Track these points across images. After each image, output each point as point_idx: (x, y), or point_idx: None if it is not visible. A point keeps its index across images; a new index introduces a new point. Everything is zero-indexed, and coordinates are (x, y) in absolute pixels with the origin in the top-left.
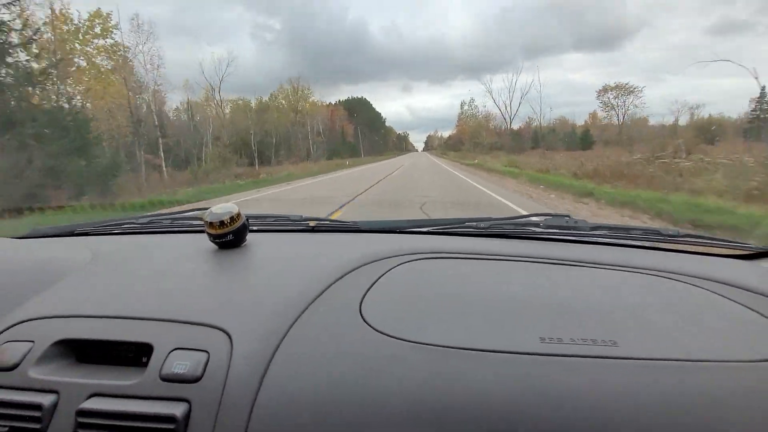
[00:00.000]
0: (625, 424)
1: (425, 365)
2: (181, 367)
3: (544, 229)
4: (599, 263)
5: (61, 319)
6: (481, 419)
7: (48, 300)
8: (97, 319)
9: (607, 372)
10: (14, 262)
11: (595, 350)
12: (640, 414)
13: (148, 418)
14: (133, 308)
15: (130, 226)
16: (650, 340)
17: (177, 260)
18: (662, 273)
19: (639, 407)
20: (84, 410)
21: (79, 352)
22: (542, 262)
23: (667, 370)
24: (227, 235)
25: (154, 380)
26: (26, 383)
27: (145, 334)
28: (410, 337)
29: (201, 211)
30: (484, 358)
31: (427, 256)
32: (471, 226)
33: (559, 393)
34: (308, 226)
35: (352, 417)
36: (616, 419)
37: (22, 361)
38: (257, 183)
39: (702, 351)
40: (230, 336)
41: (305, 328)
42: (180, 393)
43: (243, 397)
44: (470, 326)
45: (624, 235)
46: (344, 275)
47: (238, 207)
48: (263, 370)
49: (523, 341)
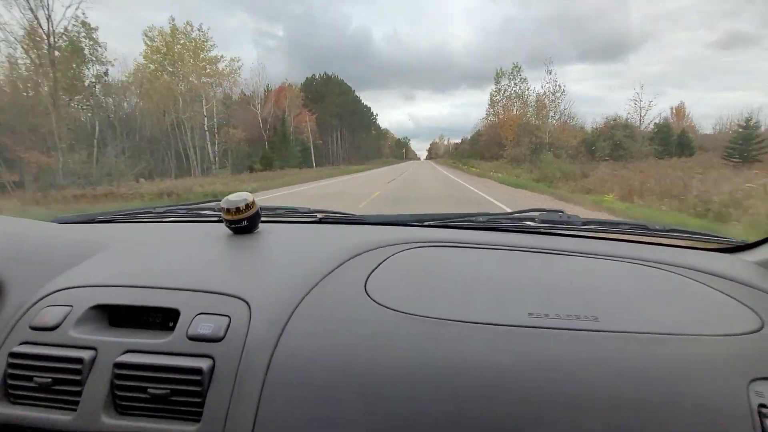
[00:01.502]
0: (603, 388)
1: (423, 334)
2: (206, 328)
3: (538, 223)
4: (588, 253)
5: (95, 288)
6: (473, 381)
7: (82, 272)
8: (127, 288)
9: (588, 343)
10: (49, 241)
11: (578, 324)
12: (617, 379)
13: (178, 370)
14: (159, 280)
15: (148, 215)
16: (628, 317)
17: (196, 242)
18: (645, 262)
19: (615, 373)
20: (121, 363)
21: (112, 317)
22: (535, 252)
23: (641, 342)
24: (242, 221)
25: (181, 339)
26: (67, 341)
27: (172, 301)
28: (410, 310)
29: (215, 202)
30: (477, 328)
31: (428, 244)
32: (470, 220)
33: (544, 360)
34: (316, 217)
35: (356, 376)
36: (595, 383)
37: (63, 322)
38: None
39: (674, 326)
40: (249, 304)
41: (316, 300)
42: (205, 350)
43: (260, 355)
44: (465, 302)
45: (613, 229)
46: (351, 258)
47: (252, 196)
48: (278, 334)
49: (513, 316)
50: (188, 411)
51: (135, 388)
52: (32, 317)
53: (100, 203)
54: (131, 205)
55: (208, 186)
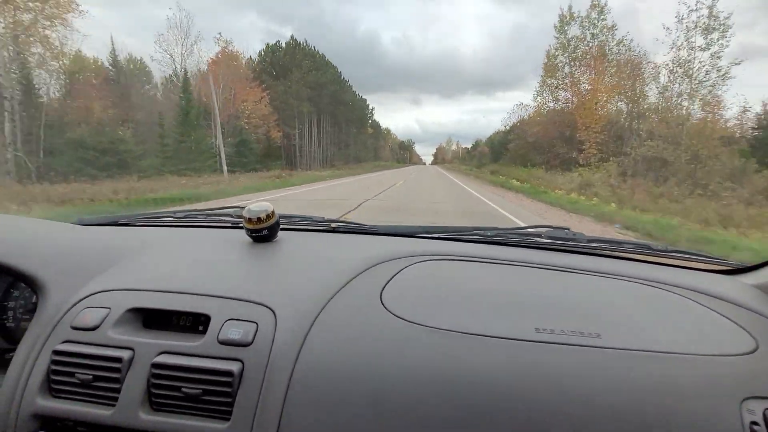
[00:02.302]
0: (603, 403)
1: (435, 344)
2: (236, 333)
3: (545, 239)
4: (592, 271)
5: (130, 292)
6: (481, 392)
7: (116, 276)
8: (160, 293)
9: (590, 357)
10: (81, 244)
11: (582, 340)
12: (616, 394)
13: (211, 371)
14: (190, 285)
15: (169, 219)
16: (629, 334)
17: (218, 249)
18: (647, 282)
19: (615, 388)
20: (158, 363)
21: (146, 320)
22: (541, 268)
23: (640, 359)
24: (263, 230)
25: (213, 343)
26: (106, 341)
27: (203, 307)
28: (424, 322)
29: (234, 209)
30: (486, 341)
31: (439, 257)
32: (478, 234)
33: (549, 374)
34: (329, 226)
35: (372, 383)
36: (596, 398)
37: (102, 324)
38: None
39: (672, 344)
40: (275, 312)
41: (335, 310)
42: (235, 354)
43: (286, 360)
44: (475, 315)
45: (617, 248)
46: (366, 269)
47: (273, 206)
48: (302, 340)
49: (520, 330)
50: (219, 410)
51: (170, 387)
52: (72, 318)
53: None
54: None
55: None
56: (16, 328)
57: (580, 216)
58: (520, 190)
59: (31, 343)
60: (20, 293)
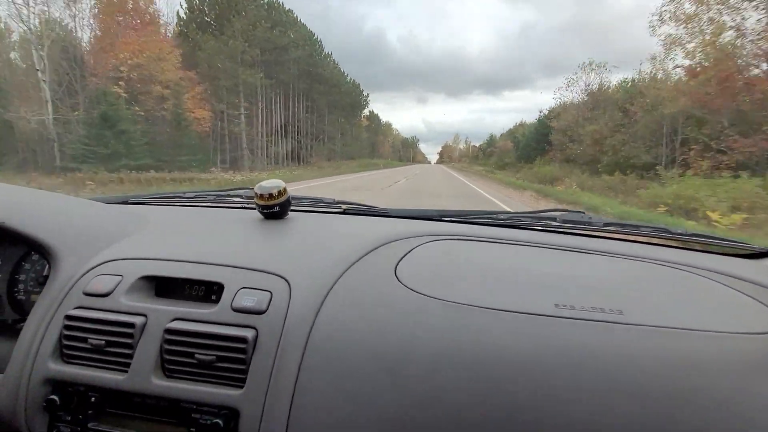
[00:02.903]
0: (626, 378)
1: (451, 318)
2: (250, 301)
3: (560, 222)
4: (610, 252)
5: (143, 260)
6: (499, 365)
7: (129, 245)
8: (173, 262)
9: (612, 334)
10: (94, 216)
11: (603, 317)
12: (640, 370)
13: (225, 338)
14: (203, 255)
15: (179, 199)
16: (652, 312)
17: (231, 224)
18: (667, 263)
19: (639, 364)
20: (171, 329)
21: (158, 288)
22: (557, 249)
23: (664, 336)
24: (274, 207)
25: (226, 310)
26: (119, 307)
27: (217, 276)
28: (439, 296)
29: (244, 190)
30: (504, 316)
31: (454, 238)
32: (492, 217)
33: (570, 349)
34: (340, 208)
35: (386, 354)
36: (618, 373)
37: (114, 290)
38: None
39: (696, 322)
40: (289, 282)
41: (349, 282)
42: (249, 322)
43: (300, 329)
44: (492, 291)
45: (634, 231)
46: (381, 245)
47: (284, 183)
48: (317, 309)
49: (539, 305)
50: (232, 377)
51: (183, 353)
52: (85, 284)
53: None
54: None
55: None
56: (26, 300)
57: None
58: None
59: (44, 309)
60: (31, 266)
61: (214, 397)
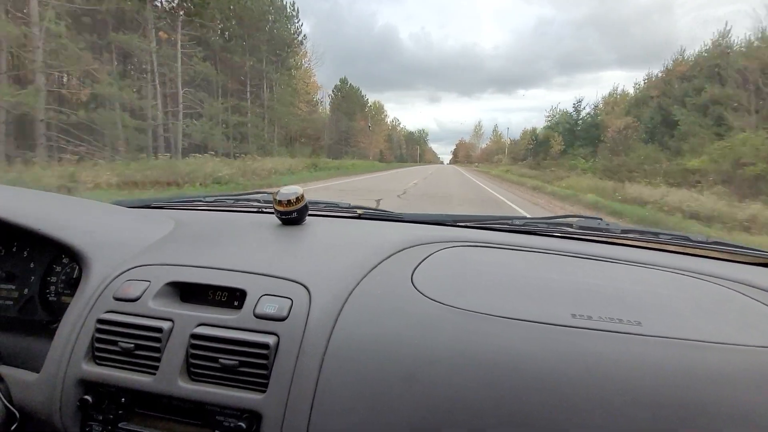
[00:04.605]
0: (644, 390)
1: (467, 326)
2: (271, 308)
3: (576, 229)
4: (628, 260)
5: (169, 266)
6: (515, 374)
7: (155, 251)
8: (198, 268)
9: (631, 345)
10: (118, 222)
11: (622, 327)
12: (659, 382)
13: (248, 343)
14: (226, 262)
15: (199, 203)
16: (671, 323)
17: (250, 230)
18: (687, 272)
19: (658, 376)
20: (197, 334)
21: (183, 293)
22: (574, 257)
23: (684, 348)
24: (292, 213)
25: (249, 317)
26: (147, 312)
27: (239, 282)
28: (455, 304)
29: (261, 194)
30: (520, 325)
31: (469, 244)
32: (507, 223)
33: (587, 359)
34: (355, 213)
35: (403, 361)
36: (637, 385)
37: (143, 295)
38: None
39: (717, 334)
40: (309, 290)
41: (367, 290)
42: (270, 328)
43: (320, 335)
44: (508, 300)
45: (653, 239)
46: (396, 252)
47: (302, 189)
48: (335, 316)
49: (556, 315)
50: (255, 382)
51: (208, 357)
52: (115, 289)
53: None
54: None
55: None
56: (57, 301)
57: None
58: None
59: (77, 312)
60: (62, 269)
61: (238, 400)
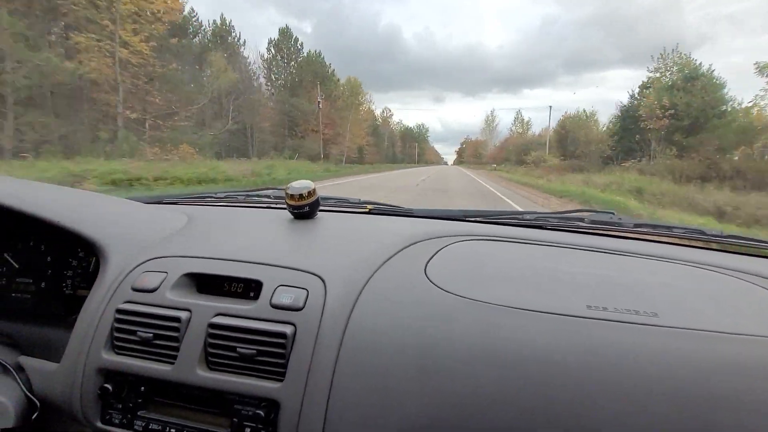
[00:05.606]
0: (661, 381)
1: (482, 318)
2: (288, 298)
3: (588, 223)
4: (642, 254)
5: (185, 258)
6: (530, 366)
7: (170, 244)
8: (214, 260)
9: (648, 336)
10: (134, 216)
11: (638, 319)
12: (676, 373)
13: (265, 333)
14: (242, 254)
15: (210, 198)
16: (688, 315)
17: (263, 224)
18: (703, 265)
19: (675, 367)
20: (214, 323)
21: (200, 284)
22: (587, 250)
23: (702, 339)
24: (304, 207)
25: (266, 307)
26: (165, 302)
27: (256, 273)
28: (470, 295)
29: (271, 190)
30: (535, 316)
31: (481, 238)
32: (518, 218)
33: (603, 350)
34: (366, 208)
35: (418, 352)
36: (653, 376)
37: (160, 286)
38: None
39: (735, 326)
40: (324, 281)
41: (381, 281)
42: (287, 318)
43: (336, 326)
44: (522, 292)
45: (667, 233)
46: (409, 245)
47: (314, 184)
48: (351, 307)
49: (571, 306)
50: (272, 371)
51: (225, 347)
52: (133, 280)
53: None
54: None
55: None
56: (72, 294)
57: None
58: None
59: (96, 303)
60: (78, 263)
61: (256, 389)
